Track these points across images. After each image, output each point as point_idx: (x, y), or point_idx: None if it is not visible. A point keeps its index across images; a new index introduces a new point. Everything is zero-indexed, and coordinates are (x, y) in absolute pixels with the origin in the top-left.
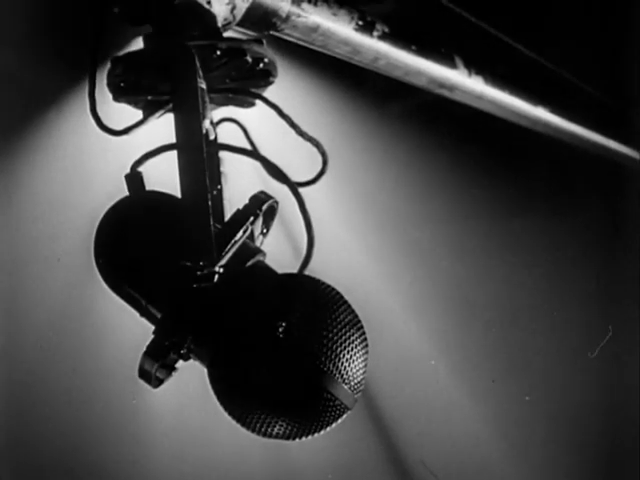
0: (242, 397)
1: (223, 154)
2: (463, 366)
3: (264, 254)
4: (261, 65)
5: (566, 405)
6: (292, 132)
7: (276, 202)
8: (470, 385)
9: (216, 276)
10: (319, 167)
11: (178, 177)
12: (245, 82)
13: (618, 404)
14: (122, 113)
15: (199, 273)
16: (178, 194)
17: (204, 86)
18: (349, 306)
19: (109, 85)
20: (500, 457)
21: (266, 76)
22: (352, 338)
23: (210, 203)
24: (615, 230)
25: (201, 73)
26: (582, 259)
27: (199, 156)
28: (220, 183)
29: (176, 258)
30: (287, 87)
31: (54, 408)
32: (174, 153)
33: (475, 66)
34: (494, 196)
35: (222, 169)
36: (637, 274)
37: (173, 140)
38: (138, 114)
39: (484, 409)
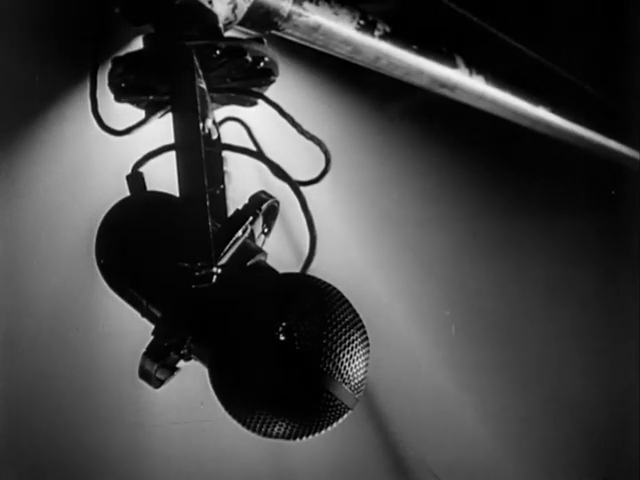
0: (242, 397)
1: (227, 153)
2: (464, 366)
3: (265, 254)
4: (261, 64)
5: (566, 405)
6: (294, 131)
7: (277, 202)
8: (471, 385)
9: (214, 277)
10: (321, 166)
11: (176, 177)
12: (246, 81)
13: (618, 404)
14: (124, 113)
15: (197, 274)
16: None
17: (204, 86)
18: (350, 306)
19: (110, 85)
20: (501, 457)
21: (267, 75)
22: (352, 338)
23: (208, 203)
24: (615, 230)
25: (201, 73)
26: (582, 259)
27: (197, 156)
28: (223, 183)
29: (176, 258)
30: (289, 86)
31: (54, 408)
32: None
33: (476, 66)
34: (494, 196)
35: (225, 168)
36: (637, 274)
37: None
38: (140, 114)
39: (485, 409)
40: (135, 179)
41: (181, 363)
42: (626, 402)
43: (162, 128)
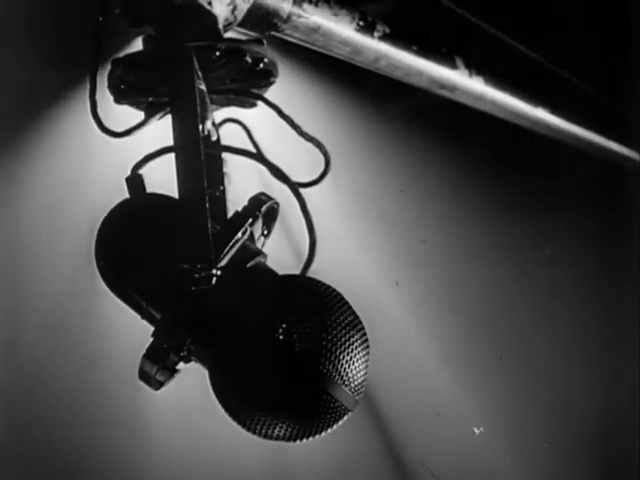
0: (242, 399)
1: (226, 155)
2: (464, 366)
3: (265, 255)
4: (261, 65)
5: (567, 405)
6: (293, 133)
7: (276, 203)
8: (471, 387)
9: (214, 278)
10: (320, 168)
11: (176, 179)
12: (246, 82)
13: (618, 404)
14: (123, 115)
15: (196, 276)
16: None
17: (203, 87)
18: (350, 307)
19: (110, 87)
20: (500, 457)
21: (266, 76)
22: (352, 339)
23: (208, 205)
24: (615, 230)
25: (200, 74)
26: (582, 259)
27: (196, 157)
28: (223, 184)
29: (175, 260)
30: (288, 87)
31: (54, 408)
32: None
33: (476, 66)
34: (494, 196)
35: (225, 170)
36: (637, 274)
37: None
38: (139, 116)
39: (484, 410)
40: (134, 181)
41: (181, 365)
42: (627, 403)
43: (161, 130)
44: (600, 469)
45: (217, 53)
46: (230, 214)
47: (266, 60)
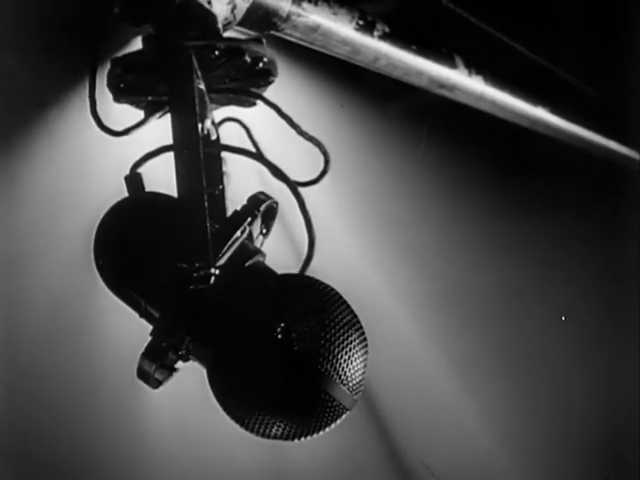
0: (240, 398)
1: (226, 154)
2: (464, 367)
3: (263, 255)
4: (260, 65)
5: (567, 405)
6: (293, 132)
7: (275, 202)
8: (471, 386)
9: (212, 277)
10: (319, 167)
11: (175, 178)
12: (245, 82)
13: (618, 404)
14: (122, 114)
15: (195, 275)
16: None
17: (203, 86)
18: (348, 306)
19: (109, 86)
20: (500, 457)
21: (266, 75)
22: (350, 339)
23: (207, 204)
24: (615, 230)
25: (199, 73)
26: (582, 259)
27: (195, 156)
28: (222, 183)
29: (174, 259)
30: (288, 86)
31: (53, 408)
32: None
33: (475, 66)
34: (494, 196)
35: (224, 169)
36: (637, 274)
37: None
38: (139, 114)
39: (484, 410)
40: (133, 180)
41: (179, 364)
42: (626, 403)
43: (161, 129)
44: (600, 471)
45: (216, 52)
46: (229, 213)
47: (265, 59)
